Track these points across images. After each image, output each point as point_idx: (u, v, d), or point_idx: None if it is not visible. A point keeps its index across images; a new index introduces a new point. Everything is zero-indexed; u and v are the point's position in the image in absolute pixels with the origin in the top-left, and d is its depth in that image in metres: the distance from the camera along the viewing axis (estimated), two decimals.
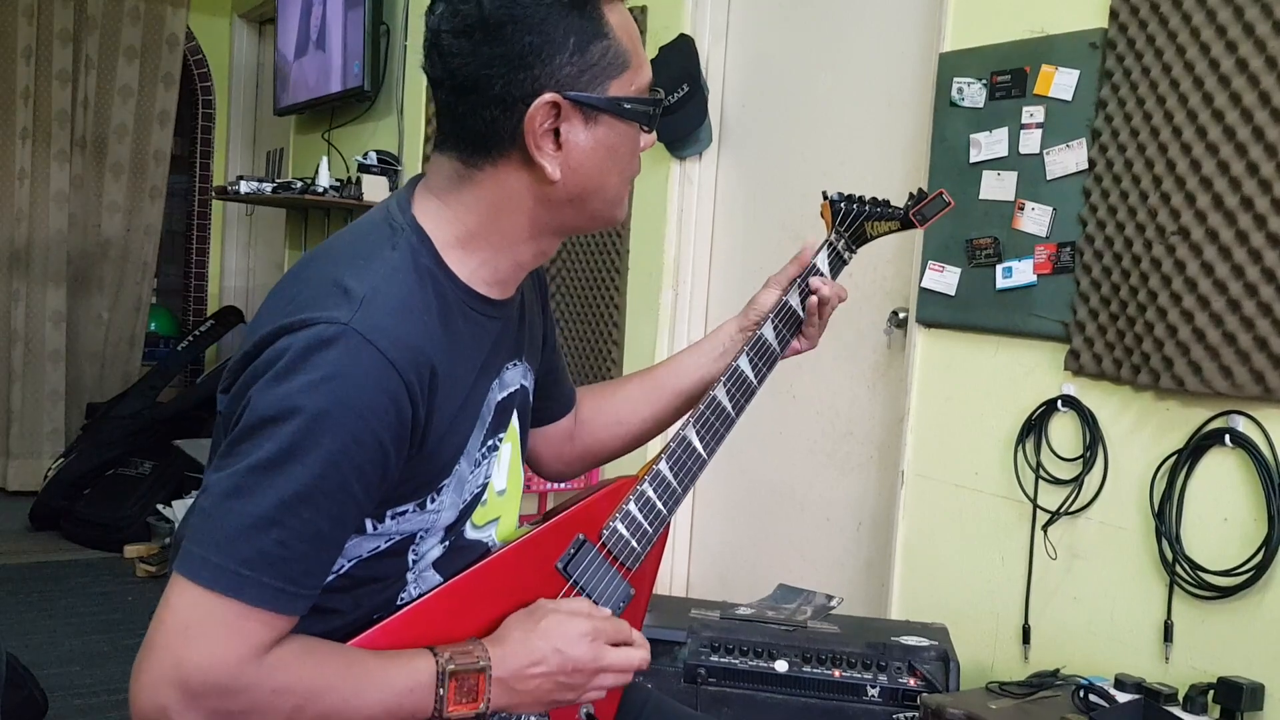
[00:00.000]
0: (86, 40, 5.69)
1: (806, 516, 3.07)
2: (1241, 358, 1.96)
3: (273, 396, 1.03)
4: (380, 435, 1.05)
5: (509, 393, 1.27)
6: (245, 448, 1.03)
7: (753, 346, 1.47)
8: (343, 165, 5.11)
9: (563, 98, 1.12)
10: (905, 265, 2.76)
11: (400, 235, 1.16)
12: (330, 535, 1.06)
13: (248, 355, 1.08)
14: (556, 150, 1.14)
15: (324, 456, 1.02)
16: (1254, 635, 1.97)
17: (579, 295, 3.76)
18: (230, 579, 1.01)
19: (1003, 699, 1.97)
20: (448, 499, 1.18)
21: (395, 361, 1.05)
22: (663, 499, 1.36)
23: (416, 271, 1.13)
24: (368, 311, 1.06)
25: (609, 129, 1.16)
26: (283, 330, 1.05)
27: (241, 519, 1.01)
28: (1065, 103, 2.28)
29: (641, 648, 1.26)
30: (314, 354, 1.03)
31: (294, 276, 1.15)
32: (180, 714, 1.00)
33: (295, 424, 1.01)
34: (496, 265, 1.20)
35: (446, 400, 1.13)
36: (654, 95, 1.20)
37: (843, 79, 3.01)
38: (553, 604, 1.22)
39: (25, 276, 5.58)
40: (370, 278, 1.09)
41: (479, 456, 1.22)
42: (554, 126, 1.13)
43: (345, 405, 1.03)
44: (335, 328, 1.04)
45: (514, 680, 1.15)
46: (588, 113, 1.14)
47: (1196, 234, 2.03)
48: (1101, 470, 2.22)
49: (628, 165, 1.21)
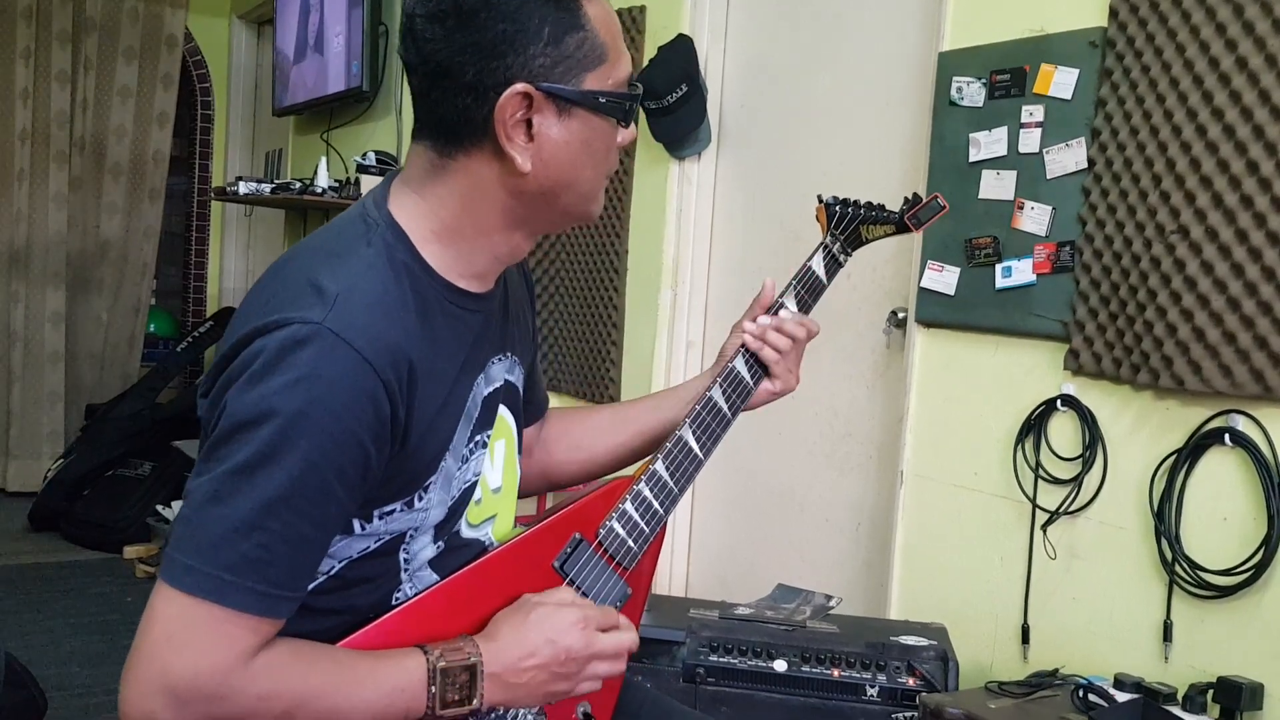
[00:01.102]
0: (85, 41, 5.70)
1: (805, 516, 3.07)
2: (1241, 356, 1.96)
3: (248, 399, 1.02)
4: (359, 434, 1.04)
5: (494, 388, 1.26)
6: (223, 452, 1.02)
7: (747, 353, 1.47)
8: (341, 166, 5.11)
9: (535, 89, 1.10)
10: (904, 265, 2.75)
11: (375, 231, 1.15)
12: (313, 537, 1.06)
13: (225, 358, 1.07)
14: (528, 142, 1.13)
15: (302, 458, 1.01)
16: (1253, 635, 1.97)
17: (578, 295, 3.75)
18: (213, 584, 1.00)
19: (1002, 699, 1.97)
20: (435, 496, 1.18)
21: (371, 359, 1.04)
22: (659, 499, 1.36)
23: (392, 267, 1.12)
24: (342, 310, 1.05)
25: (583, 123, 1.15)
26: (257, 332, 1.05)
27: (222, 524, 1.01)
28: (1065, 102, 2.28)
29: (629, 630, 1.26)
30: (288, 355, 1.02)
31: (270, 277, 1.14)
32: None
33: (272, 427, 1.01)
34: (472, 259, 1.19)
35: (427, 397, 1.12)
36: (632, 90, 1.18)
37: (842, 78, 3.01)
38: (538, 597, 1.21)
39: (24, 277, 5.58)
40: (344, 275, 1.08)
41: (465, 453, 1.21)
42: (526, 117, 1.12)
43: (321, 406, 1.02)
44: (309, 327, 1.03)
45: (508, 674, 1.15)
46: (561, 105, 1.13)
47: (1196, 233, 2.02)
48: (1101, 470, 2.22)
49: (603, 160, 1.19)
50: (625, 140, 1.21)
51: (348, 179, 4.74)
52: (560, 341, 3.83)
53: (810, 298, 1.52)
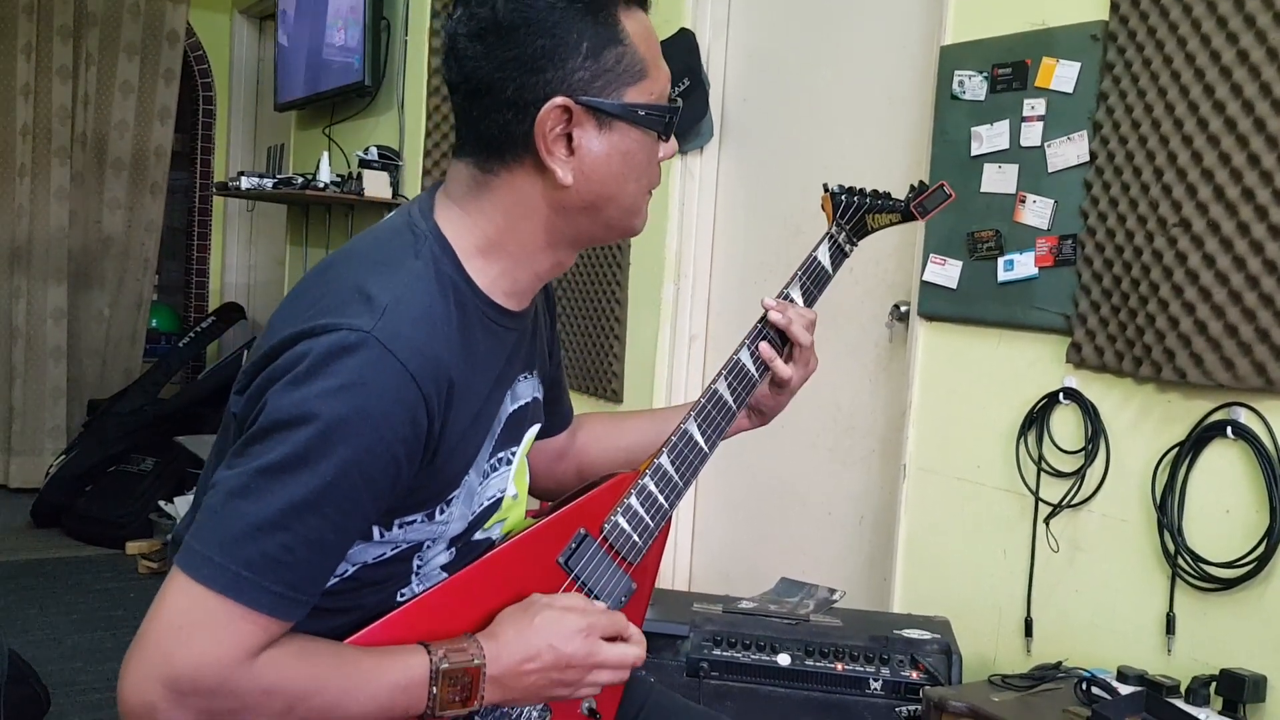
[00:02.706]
0: (87, 36, 5.69)
1: (809, 511, 3.07)
2: (1243, 349, 1.96)
3: (290, 400, 1.02)
4: (394, 447, 1.05)
5: (520, 405, 1.27)
6: (258, 449, 1.02)
7: (752, 337, 1.46)
8: (343, 160, 5.10)
9: (574, 102, 1.12)
10: (907, 258, 2.75)
11: (423, 243, 1.15)
12: (335, 544, 1.06)
13: (266, 357, 1.07)
14: (569, 155, 1.14)
15: (337, 465, 1.01)
16: (1256, 627, 1.97)
17: (580, 290, 3.75)
18: (230, 579, 1.00)
19: (1005, 691, 1.97)
20: (457, 510, 1.18)
21: (415, 373, 1.05)
22: (664, 493, 1.35)
23: (439, 281, 1.13)
24: (390, 320, 1.05)
25: (623, 135, 1.16)
26: (303, 334, 1.05)
27: (247, 520, 1.01)
28: (1066, 95, 2.28)
29: (637, 644, 1.25)
30: (334, 360, 1.02)
31: (315, 280, 1.14)
32: (167, 712, 0.99)
33: (310, 430, 1.01)
34: (515, 276, 1.20)
35: (461, 413, 1.13)
36: (673, 104, 1.19)
37: (844, 72, 3.01)
38: (546, 599, 1.21)
39: (26, 273, 5.58)
40: (393, 286, 1.09)
41: (488, 468, 1.21)
42: (566, 131, 1.13)
43: (362, 414, 1.02)
44: (357, 335, 1.03)
45: (507, 677, 1.14)
46: (601, 118, 1.14)
47: (1198, 226, 2.02)
48: (1103, 463, 2.22)
49: (644, 173, 1.20)
50: (667, 154, 1.22)
51: (350, 174, 4.74)
52: (564, 335, 3.83)
53: (816, 289, 1.51)
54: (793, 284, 1.50)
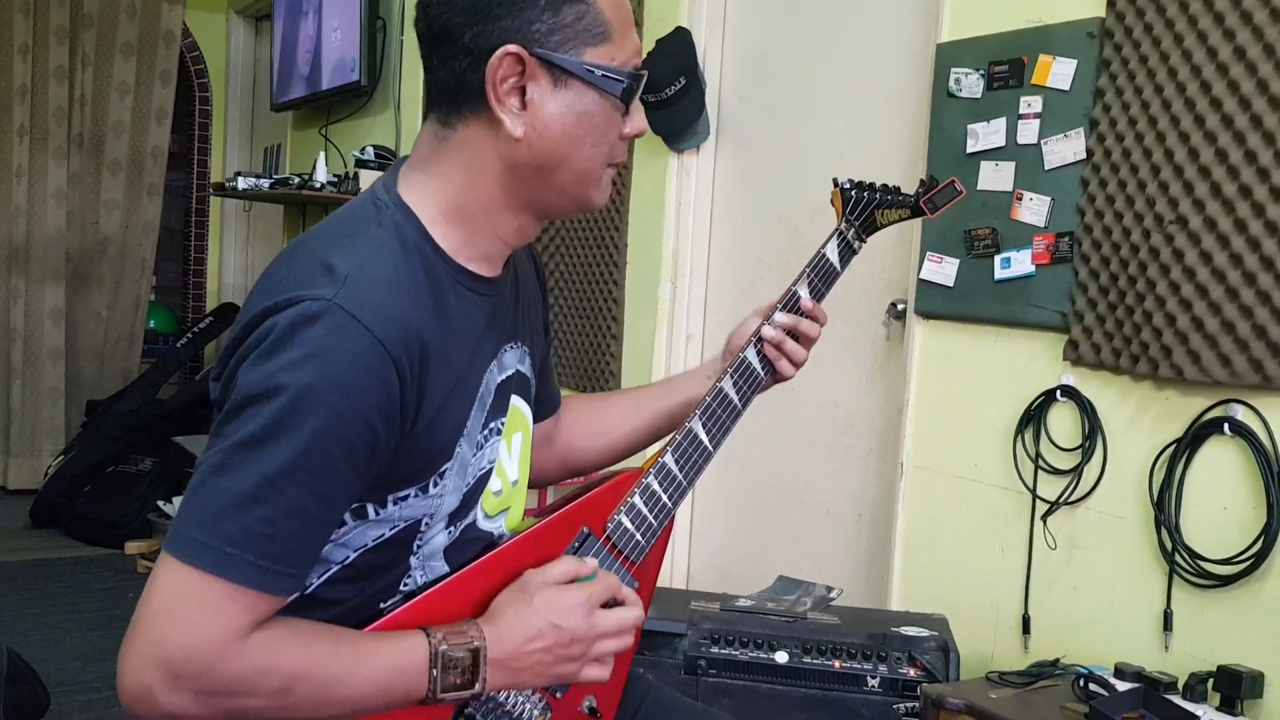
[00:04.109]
0: (83, 37, 5.69)
1: (806, 509, 3.07)
2: (1240, 346, 1.96)
3: (258, 375, 1.03)
4: (367, 412, 1.05)
5: (507, 375, 1.26)
6: (231, 426, 1.03)
7: (756, 343, 1.47)
8: (340, 160, 5.11)
9: (528, 53, 1.11)
10: (904, 256, 2.76)
11: (385, 212, 1.16)
12: (317, 515, 1.06)
13: (236, 339, 1.08)
14: (521, 109, 1.14)
15: (309, 433, 1.02)
16: (1253, 623, 1.97)
17: (577, 288, 3.75)
18: (215, 556, 1.00)
19: (1003, 688, 1.97)
20: (450, 483, 1.18)
21: (382, 337, 1.05)
22: (667, 492, 1.35)
23: (403, 247, 1.13)
24: (353, 287, 1.05)
25: (580, 96, 1.15)
26: (268, 310, 1.05)
27: (225, 496, 1.01)
28: (1063, 92, 2.28)
29: (635, 605, 1.25)
30: (298, 331, 1.03)
31: (281, 260, 1.15)
32: (164, 693, 0.99)
33: (279, 401, 1.01)
34: (478, 240, 1.20)
35: (439, 378, 1.13)
36: (635, 71, 1.18)
37: (840, 70, 3.01)
38: (540, 574, 1.21)
39: (24, 274, 5.58)
40: (355, 255, 1.09)
41: (480, 439, 1.21)
42: (520, 85, 1.13)
43: (330, 381, 1.02)
44: (319, 304, 1.04)
45: (511, 659, 1.14)
46: (556, 74, 1.13)
47: (1194, 223, 2.03)
48: (1101, 460, 2.22)
49: (601, 139, 1.18)
50: (633, 131, 1.21)
51: (346, 174, 4.74)
52: (560, 334, 3.83)
53: (824, 285, 1.50)
54: (800, 281, 1.49)
